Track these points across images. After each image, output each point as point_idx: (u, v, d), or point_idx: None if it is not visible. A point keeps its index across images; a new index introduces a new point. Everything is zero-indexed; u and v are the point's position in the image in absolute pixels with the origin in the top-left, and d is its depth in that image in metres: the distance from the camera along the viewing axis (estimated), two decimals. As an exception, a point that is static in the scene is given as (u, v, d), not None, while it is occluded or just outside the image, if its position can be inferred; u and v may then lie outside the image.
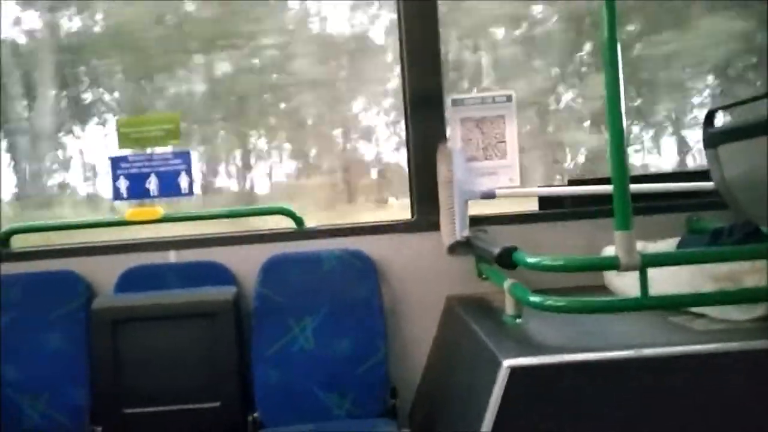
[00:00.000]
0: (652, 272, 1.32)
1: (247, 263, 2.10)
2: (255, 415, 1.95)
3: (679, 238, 1.84)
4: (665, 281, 1.40)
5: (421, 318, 2.11)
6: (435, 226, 2.10)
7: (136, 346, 1.92)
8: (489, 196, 2.07)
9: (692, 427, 1.23)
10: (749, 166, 1.67)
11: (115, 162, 2.14)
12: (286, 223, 2.21)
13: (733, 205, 1.79)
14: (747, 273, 1.42)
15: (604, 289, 1.84)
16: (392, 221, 2.28)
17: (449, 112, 2.13)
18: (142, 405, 1.89)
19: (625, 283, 1.68)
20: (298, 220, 2.18)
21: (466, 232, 1.98)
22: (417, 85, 2.16)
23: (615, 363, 1.27)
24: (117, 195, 2.15)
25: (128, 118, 2.19)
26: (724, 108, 1.88)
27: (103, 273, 2.11)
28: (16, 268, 2.11)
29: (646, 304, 1.35)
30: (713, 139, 1.80)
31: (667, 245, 1.79)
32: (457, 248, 2.01)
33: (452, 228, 1.99)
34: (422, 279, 2.13)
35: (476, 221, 2.07)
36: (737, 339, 1.29)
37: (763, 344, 1.26)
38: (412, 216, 2.22)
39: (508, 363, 1.26)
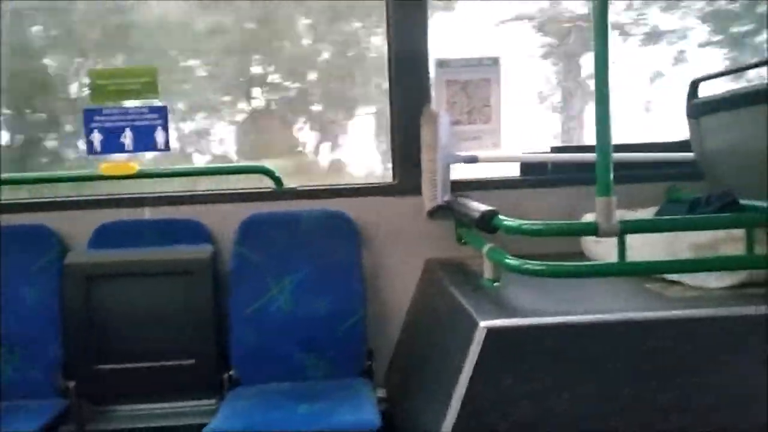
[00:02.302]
0: (630, 240, 1.33)
1: (224, 222, 2.07)
2: (231, 373, 1.95)
3: (658, 208, 1.86)
4: (643, 249, 1.41)
5: (400, 281, 2.11)
6: (416, 190, 2.09)
7: (110, 302, 1.90)
8: (471, 160, 2.06)
9: (665, 391, 1.26)
10: (730, 138, 1.68)
11: (89, 114, 2.08)
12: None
13: (711, 176, 1.81)
14: (723, 242, 1.44)
15: (582, 256, 1.86)
16: (373, 184, 2.26)
17: (434, 74, 2.10)
18: (116, 361, 1.88)
19: (603, 250, 1.69)
20: (278, 180, 2.15)
21: (448, 197, 1.97)
22: (401, 45, 2.12)
23: (590, 326, 1.28)
24: (90, 149, 2.09)
25: (102, 70, 2.10)
26: (708, 78, 1.88)
27: (77, 228, 2.06)
28: None
29: (623, 269, 1.36)
30: (696, 109, 1.81)
31: (645, 214, 1.80)
32: (437, 212, 2.00)
33: (434, 192, 1.98)
34: (402, 242, 2.13)
35: (458, 186, 2.06)
36: (711, 306, 1.31)
37: (736, 311, 1.28)
38: (394, 179, 2.20)
39: (484, 324, 1.27)
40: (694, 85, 1.84)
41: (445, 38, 2.38)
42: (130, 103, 2.10)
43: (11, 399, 1.90)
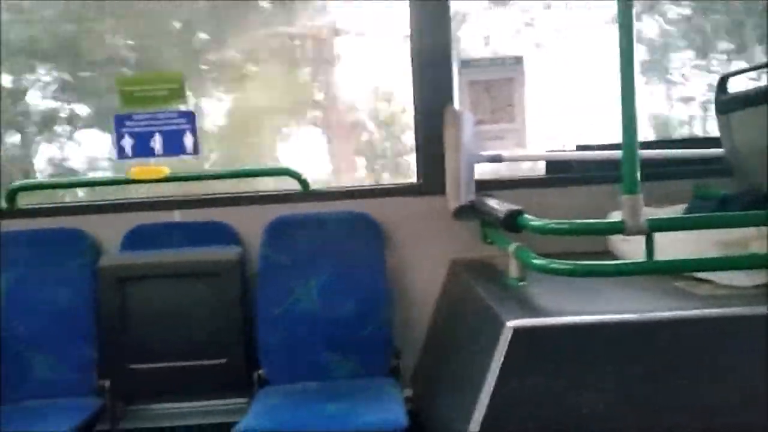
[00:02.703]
0: (658, 238, 1.31)
1: (251, 224, 2.10)
2: (260, 372, 1.98)
3: (686, 205, 1.84)
4: (671, 247, 1.40)
5: (425, 281, 2.12)
6: (440, 190, 2.09)
7: (142, 303, 1.94)
8: (495, 159, 2.05)
9: (694, 391, 1.24)
10: (760, 134, 1.65)
11: (120, 120, 2.13)
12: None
13: (741, 172, 1.78)
14: (753, 239, 1.41)
15: (608, 254, 1.84)
16: (398, 184, 2.27)
17: (457, 74, 2.10)
18: (149, 361, 1.92)
19: (630, 249, 1.68)
20: (304, 182, 2.17)
21: (472, 196, 1.97)
22: (424, 46, 2.13)
23: (617, 326, 1.27)
24: (121, 154, 2.14)
25: (128, 77, 2.15)
26: (737, 74, 1.85)
27: (109, 231, 2.12)
28: (22, 226, 2.12)
29: (651, 268, 1.35)
30: (725, 105, 1.78)
31: (673, 211, 1.78)
32: (462, 212, 2.00)
33: (458, 192, 1.98)
34: (427, 242, 2.13)
35: (482, 185, 2.06)
36: (741, 304, 1.29)
37: (766, 310, 1.26)
38: (418, 179, 2.21)
39: (511, 324, 1.27)
40: (723, 81, 1.81)
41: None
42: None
43: (48, 398, 1.96)
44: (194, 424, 2.11)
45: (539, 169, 2.24)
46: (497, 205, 1.72)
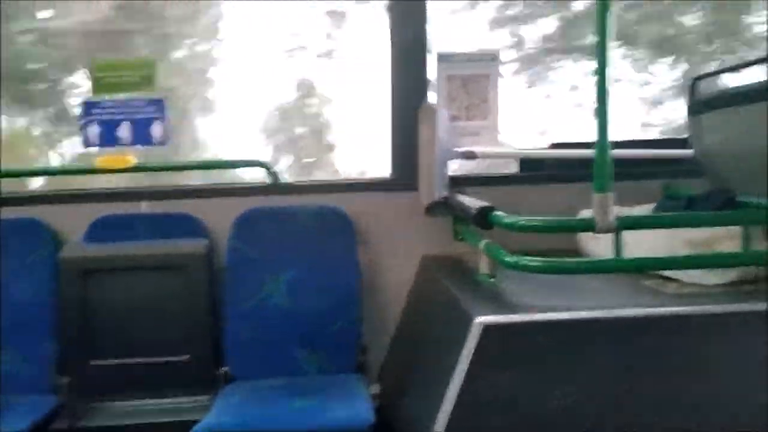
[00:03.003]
0: (627, 237, 1.32)
1: (220, 216, 2.06)
2: (225, 368, 1.94)
3: (655, 204, 1.85)
4: (640, 246, 1.40)
5: (396, 276, 2.10)
6: (413, 186, 2.08)
7: (105, 296, 1.89)
8: (469, 156, 2.04)
9: (661, 387, 1.25)
10: (730, 135, 1.67)
11: (88, 107, 2.06)
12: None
13: (710, 173, 1.80)
14: (721, 239, 1.43)
15: (579, 253, 1.85)
16: (370, 179, 2.25)
17: (436, 68, 2.08)
18: (111, 356, 1.87)
19: (600, 247, 1.68)
20: (274, 174, 2.14)
21: (445, 192, 1.96)
22: (401, 40, 2.11)
23: (586, 322, 1.27)
24: (87, 142, 2.07)
25: (104, 62, 2.09)
26: (709, 75, 1.87)
27: (72, 222, 2.05)
28: None
29: (619, 266, 1.35)
30: (697, 106, 1.80)
31: (642, 210, 1.80)
32: (434, 208, 1.99)
33: (431, 188, 1.97)
34: (398, 238, 2.12)
35: (455, 182, 2.05)
36: (708, 302, 1.31)
37: (733, 308, 1.28)
38: (391, 174, 2.19)
39: (480, 320, 1.26)
40: (695, 82, 1.83)
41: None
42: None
43: (4, 394, 1.89)
44: (156, 422, 2.06)
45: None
46: (469, 201, 1.71)
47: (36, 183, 2.46)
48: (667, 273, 1.51)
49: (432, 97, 2.10)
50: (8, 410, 1.79)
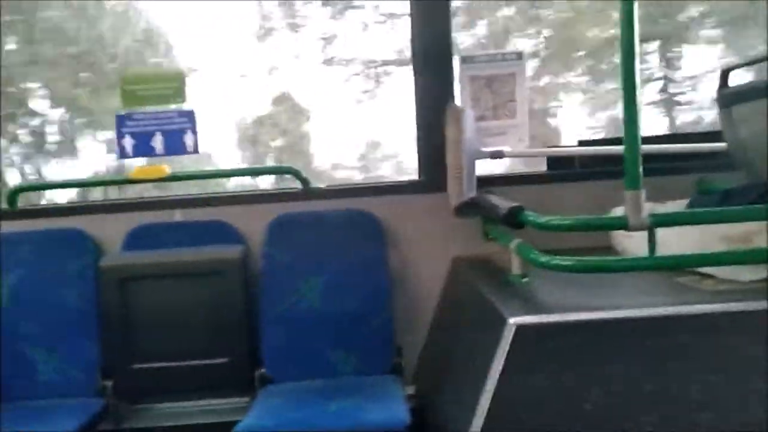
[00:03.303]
0: (660, 234, 1.30)
1: (253, 223, 2.10)
2: (262, 371, 1.97)
3: (688, 200, 1.82)
4: (674, 243, 1.39)
5: (427, 278, 2.11)
6: (442, 187, 2.08)
7: (145, 303, 1.94)
8: (497, 156, 2.05)
9: (697, 387, 1.24)
10: (763, 127, 1.64)
11: (121, 120, 2.12)
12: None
13: (745, 166, 1.77)
14: (756, 234, 1.40)
15: (611, 250, 1.84)
16: (399, 182, 2.26)
17: (458, 69, 2.09)
18: (152, 360, 1.92)
19: (633, 245, 1.67)
20: (305, 180, 2.17)
21: (473, 193, 1.97)
22: (425, 42, 2.12)
23: (620, 322, 1.27)
24: (122, 153, 2.14)
25: (131, 75, 2.15)
26: (739, 67, 1.84)
27: (110, 231, 2.11)
28: (23, 226, 2.11)
29: (653, 264, 1.34)
30: (727, 99, 1.77)
31: (676, 206, 1.77)
32: (464, 209, 2.00)
33: (459, 188, 1.97)
34: (428, 239, 2.13)
35: (484, 182, 2.05)
36: (745, 299, 1.29)
37: None
38: (419, 176, 2.20)
39: (513, 321, 1.27)
40: (725, 74, 1.80)
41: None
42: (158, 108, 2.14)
43: (51, 398, 1.96)
44: (197, 423, 2.11)
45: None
46: (498, 201, 1.71)
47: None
48: (702, 270, 1.50)
49: (458, 97, 2.11)
50: (56, 413, 1.86)
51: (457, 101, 2.09)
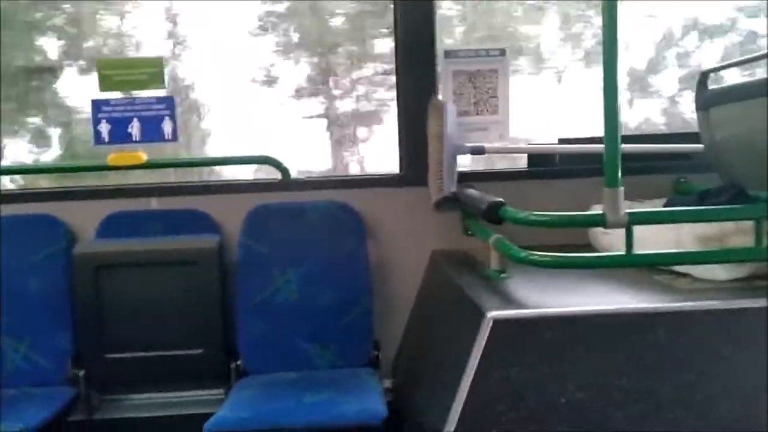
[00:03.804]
0: (638, 232, 1.32)
1: (231, 213, 2.07)
2: (238, 362, 1.96)
3: (666, 199, 1.85)
4: (651, 241, 1.41)
5: (405, 272, 2.11)
6: (422, 181, 2.08)
7: (118, 291, 1.91)
8: (478, 151, 2.05)
9: (671, 383, 1.25)
10: (740, 129, 1.67)
11: (97, 105, 2.08)
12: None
13: (721, 167, 1.80)
14: (732, 234, 1.43)
15: (590, 248, 1.85)
16: (379, 175, 2.26)
17: (441, 64, 2.09)
18: (125, 350, 1.89)
19: (611, 242, 1.68)
20: (284, 171, 2.15)
21: (454, 188, 1.97)
22: (408, 36, 2.11)
23: (597, 317, 1.28)
24: (98, 139, 2.09)
25: (108, 60, 2.10)
26: (718, 69, 1.86)
27: (84, 218, 2.07)
28: None
29: (630, 261, 1.36)
30: (705, 101, 1.79)
31: (653, 205, 1.79)
32: (444, 204, 2.00)
33: (440, 183, 1.98)
34: (408, 233, 2.12)
35: (464, 177, 2.05)
36: (719, 297, 1.31)
37: (745, 303, 1.28)
38: (400, 170, 2.20)
39: (491, 315, 1.27)
40: (704, 77, 1.83)
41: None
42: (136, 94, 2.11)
43: (20, 387, 1.92)
44: (170, 415, 2.08)
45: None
46: (478, 196, 1.72)
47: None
48: (678, 268, 1.52)
49: (440, 92, 2.10)
50: (26, 401, 1.82)
51: (440, 96, 2.09)
